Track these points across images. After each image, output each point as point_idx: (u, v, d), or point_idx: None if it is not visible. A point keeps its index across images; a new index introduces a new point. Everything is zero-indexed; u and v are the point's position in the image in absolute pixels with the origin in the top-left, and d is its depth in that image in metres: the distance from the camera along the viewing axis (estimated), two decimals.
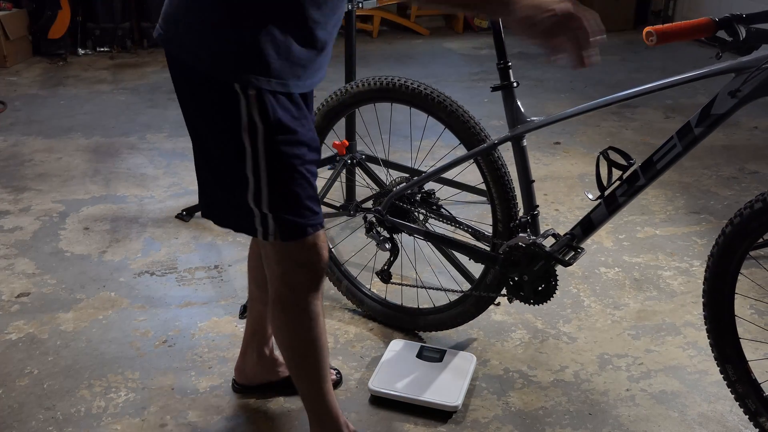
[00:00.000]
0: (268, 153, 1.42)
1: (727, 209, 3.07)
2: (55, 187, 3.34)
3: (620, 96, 1.73)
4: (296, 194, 1.47)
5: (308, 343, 1.62)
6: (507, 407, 1.97)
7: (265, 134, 1.40)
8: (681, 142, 1.66)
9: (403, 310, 2.28)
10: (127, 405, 1.98)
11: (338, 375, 2.06)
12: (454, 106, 1.97)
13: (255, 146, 1.41)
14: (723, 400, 1.98)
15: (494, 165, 1.95)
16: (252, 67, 1.36)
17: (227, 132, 1.41)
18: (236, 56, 1.36)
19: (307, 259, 1.54)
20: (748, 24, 1.55)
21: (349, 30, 2.73)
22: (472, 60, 5.55)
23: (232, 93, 1.37)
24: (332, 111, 2.18)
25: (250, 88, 1.36)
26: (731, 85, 1.55)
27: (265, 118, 1.39)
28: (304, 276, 1.56)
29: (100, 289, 2.53)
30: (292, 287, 1.58)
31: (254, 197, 1.45)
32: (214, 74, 1.37)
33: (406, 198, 2.13)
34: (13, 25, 5.23)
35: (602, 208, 1.82)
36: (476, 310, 2.13)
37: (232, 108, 1.38)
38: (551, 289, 1.94)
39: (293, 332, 1.63)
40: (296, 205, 1.48)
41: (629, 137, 3.90)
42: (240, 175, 1.44)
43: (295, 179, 1.46)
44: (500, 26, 1.88)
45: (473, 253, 2.05)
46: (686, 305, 2.42)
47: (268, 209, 1.46)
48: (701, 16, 1.61)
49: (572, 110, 1.80)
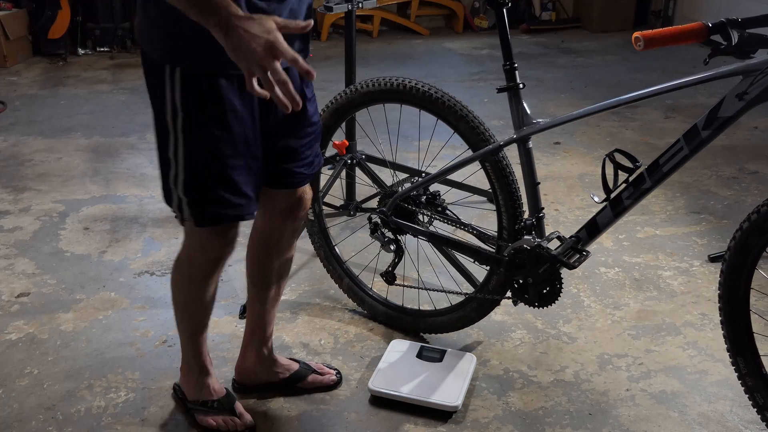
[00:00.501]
0: (186, 138, 1.50)
1: (727, 209, 3.07)
2: (55, 187, 3.34)
3: (625, 99, 1.72)
4: (208, 184, 1.55)
5: (190, 303, 1.79)
6: (507, 407, 1.97)
7: (184, 120, 1.48)
8: (688, 145, 1.65)
9: (403, 311, 2.28)
10: (127, 405, 1.98)
11: (338, 375, 2.06)
12: (464, 111, 1.97)
13: (176, 130, 1.50)
14: (723, 400, 1.98)
15: (500, 167, 1.94)
16: (179, 51, 1.44)
17: (160, 115, 1.51)
18: (168, 41, 1.44)
19: (211, 247, 1.65)
20: (743, 28, 1.54)
21: (349, 30, 2.73)
22: (472, 60, 5.55)
23: (163, 76, 1.46)
24: (341, 109, 2.17)
25: (177, 72, 1.45)
26: (739, 88, 1.54)
27: (186, 104, 1.47)
28: (203, 257, 1.69)
29: (100, 289, 2.53)
30: (190, 260, 1.72)
31: (174, 180, 1.55)
32: (154, 58, 1.47)
33: (411, 199, 2.13)
34: (13, 25, 5.24)
35: (608, 210, 1.82)
36: (477, 315, 2.13)
37: (162, 91, 1.48)
38: (556, 292, 1.93)
39: (179, 293, 1.79)
40: (208, 194, 1.55)
41: (629, 137, 3.90)
42: (165, 156, 1.55)
43: (210, 169, 1.53)
44: (506, 27, 1.88)
45: (478, 255, 2.04)
46: (686, 305, 2.42)
47: (182, 193, 1.55)
48: (701, 16, 1.62)
49: (578, 112, 1.80)
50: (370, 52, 5.83)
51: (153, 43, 1.47)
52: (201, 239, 1.66)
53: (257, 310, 1.94)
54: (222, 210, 1.58)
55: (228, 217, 1.60)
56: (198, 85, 1.47)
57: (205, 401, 1.90)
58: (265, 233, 1.84)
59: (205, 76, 1.47)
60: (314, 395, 2.01)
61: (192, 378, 1.91)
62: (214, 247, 1.67)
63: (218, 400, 1.90)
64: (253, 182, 1.62)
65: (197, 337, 1.87)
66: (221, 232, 1.65)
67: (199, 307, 1.81)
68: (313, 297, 2.49)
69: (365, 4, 2.70)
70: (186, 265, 1.74)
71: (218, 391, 1.91)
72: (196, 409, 1.91)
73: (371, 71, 5.21)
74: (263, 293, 1.92)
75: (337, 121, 2.21)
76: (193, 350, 1.88)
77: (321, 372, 2.04)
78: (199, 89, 1.47)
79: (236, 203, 1.59)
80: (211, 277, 1.74)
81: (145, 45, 1.49)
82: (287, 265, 1.92)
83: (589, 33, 6.33)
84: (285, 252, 1.88)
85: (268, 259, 1.87)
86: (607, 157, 1.76)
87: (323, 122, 2.20)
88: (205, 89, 1.47)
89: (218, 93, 1.48)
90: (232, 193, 1.57)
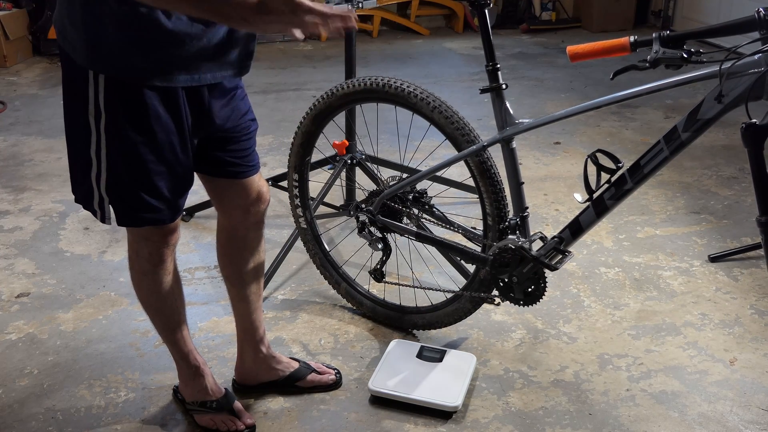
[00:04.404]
0: (108, 139, 1.50)
1: (727, 209, 3.07)
2: (55, 187, 3.34)
3: (609, 99, 1.74)
4: (130, 186, 1.55)
5: (152, 298, 1.78)
6: (507, 407, 1.97)
7: (107, 122, 1.48)
8: (668, 147, 1.66)
9: (401, 309, 2.28)
10: (127, 405, 1.98)
11: (338, 375, 2.06)
12: (437, 103, 1.97)
13: (98, 130, 1.50)
14: (723, 400, 1.98)
15: (484, 166, 1.95)
16: (103, 60, 1.43)
17: (79, 112, 1.50)
18: (92, 50, 1.43)
19: (151, 235, 1.66)
20: (674, 43, 1.56)
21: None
22: (472, 60, 5.55)
23: (85, 78, 1.45)
24: (321, 114, 2.18)
25: (100, 77, 1.45)
26: (716, 91, 1.55)
27: (109, 107, 1.47)
28: (147, 247, 1.69)
29: (100, 289, 2.53)
30: (137, 252, 1.72)
31: (96, 178, 1.56)
32: (79, 62, 1.45)
33: (398, 198, 2.13)
34: (13, 25, 5.24)
35: (590, 211, 1.83)
36: (472, 306, 2.14)
37: (83, 91, 1.47)
38: (540, 291, 1.95)
39: (139, 289, 1.78)
40: (130, 195, 1.57)
41: (629, 137, 3.90)
42: (85, 155, 1.54)
43: (132, 171, 1.54)
44: (489, 28, 1.89)
45: (463, 254, 2.06)
46: (686, 305, 2.42)
47: (105, 192, 1.56)
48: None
49: (561, 113, 1.81)
50: (370, 52, 5.84)
51: (75, 47, 1.44)
52: (141, 230, 1.65)
53: (243, 309, 1.95)
54: (144, 213, 1.59)
55: (149, 220, 1.60)
56: (122, 90, 1.46)
57: (204, 402, 1.90)
58: (230, 231, 1.85)
59: (129, 84, 1.46)
60: (314, 395, 2.01)
61: (187, 380, 1.92)
62: (155, 235, 1.66)
63: (217, 400, 1.90)
64: (179, 189, 1.62)
65: (173, 335, 1.85)
66: (146, 236, 1.66)
67: (160, 301, 1.78)
68: (313, 297, 2.49)
69: (365, 4, 2.70)
70: (135, 259, 1.73)
71: (216, 392, 1.91)
72: (195, 410, 1.91)
73: (371, 71, 5.21)
74: (243, 291, 1.93)
75: (318, 126, 2.22)
76: (176, 351, 1.88)
77: (320, 372, 2.04)
78: (123, 95, 1.46)
79: (157, 207, 1.59)
80: (161, 266, 1.72)
81: (67, 47, 1.47)
82: (261, 261, 1.93)
83: (589, 33, 6.33)
84: (255, 247, 1.89)
85: (240, 256, 1.88)
86: (589, 158, 1.77)
87: (305, 129, 2.22)
88: (129, 95, 1.47)
89: (142, 99, 1.47)
90: (154, 197, 1.58)
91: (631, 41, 1.65)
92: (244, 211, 1.81)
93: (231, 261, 1.90)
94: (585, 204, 1.83)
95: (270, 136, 3.94)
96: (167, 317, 1.83)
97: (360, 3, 2.68)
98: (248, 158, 1.76)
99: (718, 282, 2.54)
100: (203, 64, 1.50)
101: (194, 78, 1.50)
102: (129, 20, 1.38)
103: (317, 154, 2.40)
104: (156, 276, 1.73)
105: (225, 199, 1.80)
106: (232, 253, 1.88)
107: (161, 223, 1.62)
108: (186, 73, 1.49)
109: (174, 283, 1.78)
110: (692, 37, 1.59)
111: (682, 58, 1.54)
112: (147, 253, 1.70)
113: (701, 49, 1.56)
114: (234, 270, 1.90)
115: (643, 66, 1.58)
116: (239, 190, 1.78)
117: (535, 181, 3.35)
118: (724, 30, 1.55)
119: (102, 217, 1.61)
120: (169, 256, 1.72)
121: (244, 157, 1.75)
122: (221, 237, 1.88)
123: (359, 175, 2.84)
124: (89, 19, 1.40)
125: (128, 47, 1.40)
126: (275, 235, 2.85)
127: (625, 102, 1.79)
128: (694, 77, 1.58)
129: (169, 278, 1.76)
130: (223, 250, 1.89)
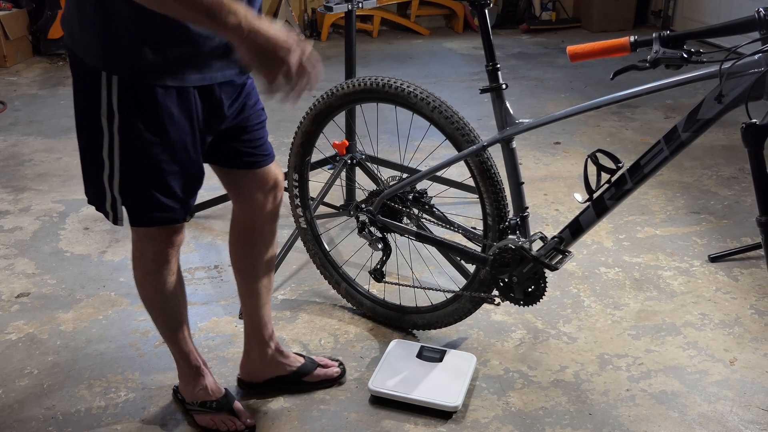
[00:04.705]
0: (122, 140, 1.50)
1: (727, 209, 3.07)
2: (55, 187, 3.34)
3: (609, 99, 1.74)
4: (144, 186, 1.56)
5: (156, 298, 1.78)
6: (507, 407, 1.97)
7: (120, 123, 1.48)
8: (668, 147, 1.66)
9: (401, 309, 2.28)
10: (127, 405, 1.98)
11: (341, 366, 2.07)
12: (437, 103, 1.97)
13: (111, 131, 1.50)
14: (723, 400, 1.98)
15: (484, 166, 1.95)
16: (115, 60, 1.43)
17: (92, 114, 1.50)
18: (106, 49, 1.43)
19: (158, 236, 1.66)
20: (674, 43, 1.56)
21: (349, 30, 2.73)
22: (472, 60, 5.55)
23: (98, 79, 1.46)
24: (320, 114, 2.18)
25: (114, 78, 1.45)
26: (717, 90, 1.55)
27: (122, 108, 1.47)
28: (152, 248, 1.70)
29: (100, 289, 2.53)
30: (141, 253, 1.72)
31: (108, 179, 1.56)
32: (91, 64, 1.46)
33: (398, 198, 2.13)
34: (13, 25, 5.24)
35: (590, 211, 1.83)
36: (472, 306, 2.14)
37: (95, 92, 1.47)
38: (540, 291, 1.95)
39: (143, 289, 1.78)
40: (143, 196, 1.57)
41: (629, 137, 3.90)
42: (97, 156, 1.54)
43: (146, 172, 1.55)
44: (489, 28, 1.89)
45: (463, 254, 2.06)
46: (686, 305, 2.42)
47: (118, 193, 1.57)
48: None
49: (561, 113, 1.81)
50: (370, 52, 5.84)
51: (87, 49, 1.45)
52: (147, 230, 1.66)
53: (252, 305, 1.95)
54: (157, 213, 1.59)
55: (162, 219, 1.61)
56: (135, 91, 1.47)
57: (204, 402, 1.90)
58: (246, 223, 1.85)
59: (143, 85, 1.47)
60: (314, 395, 2.01)
61: (187, 380, 1.92)
62: (161, 235, 1.67)
63: (216, 400, 1.90)
64: (191, 188, 1.63)
65: (175, 335, 1.85)
66: (155, 236, 1.67)
67: (163, 301, 1.79)
68: (313, 297, 2.49)
69: (365, 4, 2.70)
70: (139, 259, 1.73)
71: (216, 392, 1.91)
72: (195, 410, 1.91)
73: (371, 71, 5.21)
74: (255, 285, 1.93)
75: (318, 126, 2.22)
76: (177, 351, 1.88)
77: (325, 365, 2.05)
78: (136, 95, 1.47)
79: (171, 207, 1.60)
80: (166, 267, 1.73)
81: (78, 50, 1.47)
82: (273, 255, 1.93)
83: (589, 33, 6.33)
84: (270, 240, 1.89)
85: (255, 249, 1.88)
86: (590, 158, 1.77)
87: (305, 129, 2.22)
88: (143, 96, 1.47)
89: (155, 99, 1.48)
90: (167, 197, 1.59)
91: (631, 41, 1.65)
92: (263, 200, 1.82)
93: (246, 254, 1.90)
94: (585, 204, 1.83)
95: (270, 136, 3.93)
96: (169, 317, 1.83)
97: (360, 3, 2.68)
98: (262, 147, 1.78)
99: (718, 282, 2.54)
100: (214, 63, 1.51)
101: (206, 77, 1.51)
102: (142, 20, 1.38)
103: (317, 154, 2.40)
104: (160, 276, 1.73)
105: (243, 190, 1.80)
106: (247, 246, 1.89)
107: (174, 222, 1.63)
108: (198, 73, 1.50)
109: (177, 284, 1.79)
110: (692, 37, 1.59)
111: (682, 58, 1.54)
112: (152, 254, 1.70)
113: (701, 49, 1.56)
114: (248, 263, 1.90)
115: (643, 66, 1.58)
116: (257, 179, 1.79)
117: (535, 181, 3.35)
118: (724, 30, 1.55)
119: (114, 219, 1.62)
120: (173, 257, 1.73)
121: (258, 147, 1.76)
122: (235, 229, 1.88)
123: (359, 175, 2.84)
124: (102, 20, 1.40)
125: (142, 47, 1.41)
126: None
127: (625, 102, 1.79)
128: (694, 77, 1.58)
129: (173, 278, 1.76)
130: (238, 242, 1.89)
